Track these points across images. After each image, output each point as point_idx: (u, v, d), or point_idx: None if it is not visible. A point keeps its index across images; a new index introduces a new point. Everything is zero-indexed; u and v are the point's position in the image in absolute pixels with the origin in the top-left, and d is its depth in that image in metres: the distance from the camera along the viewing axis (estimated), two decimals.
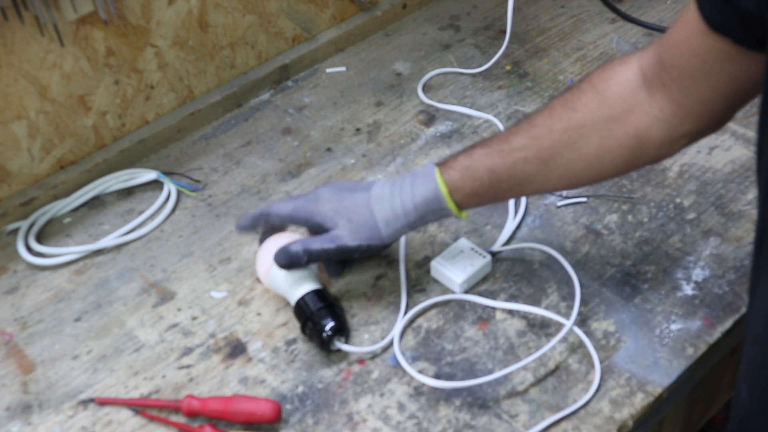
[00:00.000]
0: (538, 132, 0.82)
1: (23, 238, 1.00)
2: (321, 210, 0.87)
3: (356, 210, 0.86)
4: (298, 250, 0.86)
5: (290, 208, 0.89)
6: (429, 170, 0.86)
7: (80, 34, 0.99)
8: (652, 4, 1.33)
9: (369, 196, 0.87)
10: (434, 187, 0.84)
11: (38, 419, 0.84)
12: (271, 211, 0.90)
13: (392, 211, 0.86)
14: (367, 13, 1.29)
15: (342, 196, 0.88)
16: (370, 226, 0.86)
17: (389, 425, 0.81)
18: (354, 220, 0.86)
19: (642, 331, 0.88)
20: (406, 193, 0.86)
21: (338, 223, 0.86)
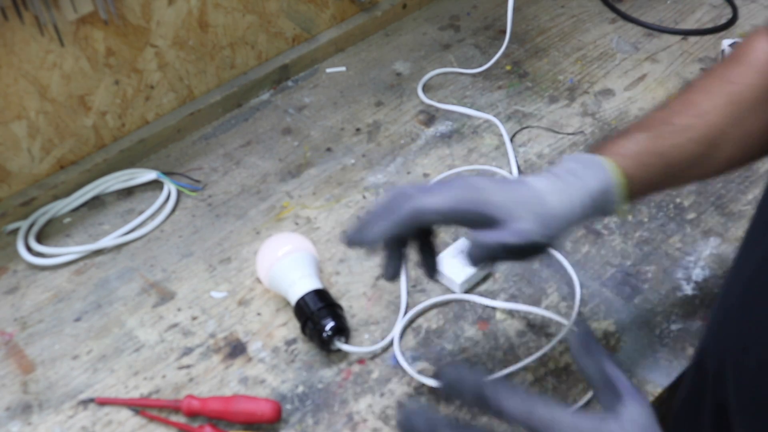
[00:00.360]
0: (700, 109, 0.75)
1: (23, 238, 1.00)
2: (494, 200, 0.70)
3: (536, 202, 0.70)
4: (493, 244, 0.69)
5: (449, 200, 0.69)
6: (594, 159, 0.73)
7: (80, 34, 0.99)
8: (652, 4, 1.33)
9: (536, 189, 0.72)
10: (606, 177, 0.72)
11: (38, 419, 0.84)
12: (424, 208, 0.69)
13: (570, 206, 0.71)
14: (367, 13, 1.29)
15: (509, 186, 0.72)
16: (552, 223, 0.71)
17: (389, 425, 0.81)
18: (538, 213, 0.70)
19: (642, 331, 0.88)
20: (573, 185, 0.72)
21: (520, 216, 0.69)
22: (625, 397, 0.62)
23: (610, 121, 1.13)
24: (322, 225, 1.01)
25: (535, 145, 1.10)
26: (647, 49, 1.25)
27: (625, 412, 0.61)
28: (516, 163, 1.07)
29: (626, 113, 1.14)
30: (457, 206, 0.69)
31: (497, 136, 1.12)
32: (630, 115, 1.14)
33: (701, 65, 1.21)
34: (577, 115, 1.14)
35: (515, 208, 0.69)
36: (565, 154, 1.08)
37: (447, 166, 1.07)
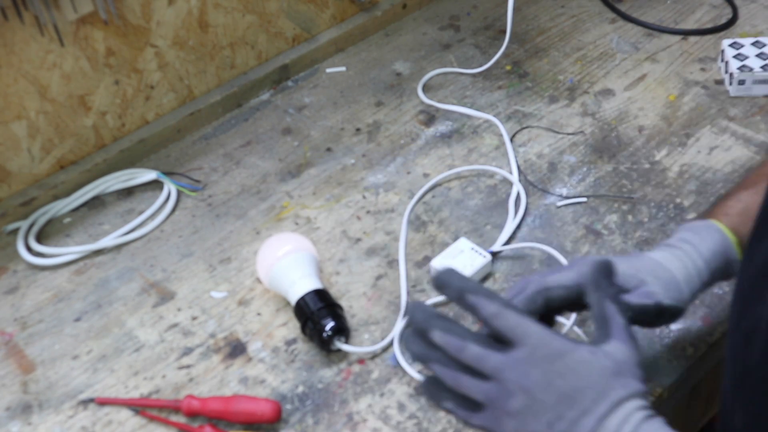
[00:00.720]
0: None
1: (23, 238, 1.00)
2: (620, 270, 0.73)
3: (656, 269, 0.74)
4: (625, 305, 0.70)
5: (575, 274, 0.71)
6: (704, 224, 0.78)
7: (80, 34, 0.99)
8: (652, 4, 1.33)
9: (654, 259, 0.75)
10: (720, 237, 0.76)
11: (38, 419, 0.84)
12: (550, 284, 0.71)
13: (686, 271, 0.75)
14: (367, 13, 1.29)
15: (631, 258, 0.75)
16: (675, 287, 0.74)
17: (389, 425, 0.81)
18: (661, 277, 0.74)
19: (642, 331, 0.88)
20: (690, 251, 0.76)
21: (645, 280, 0.73)
22: (613, 337, 0.63)
23: (610, 121, 1.13)
24: (322, 225, 1.01)
25: (535, 145, 1.10)
26: (647, 49, 1.25)
27: (604, 346, 0.62)
28: (516, 163, 1.07)
29: (626, 113, 1.14)
30: (581, 280, 0.70)
31: (497, 136, 1.12)
32: (630, 115, 1.14)
33: (701, 65, 1.21)
34: (577, 115, 1.14)
35: (638, 275, 0.73)
36: (565, 154, 1.08)
37: (447, 166, 1.07)
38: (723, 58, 1.18)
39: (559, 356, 0.61)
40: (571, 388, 0.60)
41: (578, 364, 0.61)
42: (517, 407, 0.60)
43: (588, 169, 1.06)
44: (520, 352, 0.61)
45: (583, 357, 0.61)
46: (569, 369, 0.61)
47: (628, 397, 0.60)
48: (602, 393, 0.60)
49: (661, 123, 1.12)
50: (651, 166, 1.06)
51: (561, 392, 0.60)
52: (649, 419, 0.60)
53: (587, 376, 0.61)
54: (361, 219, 1.02)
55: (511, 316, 0.61)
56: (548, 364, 0.61)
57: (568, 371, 0.60)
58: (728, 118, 1.12)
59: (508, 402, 0.60)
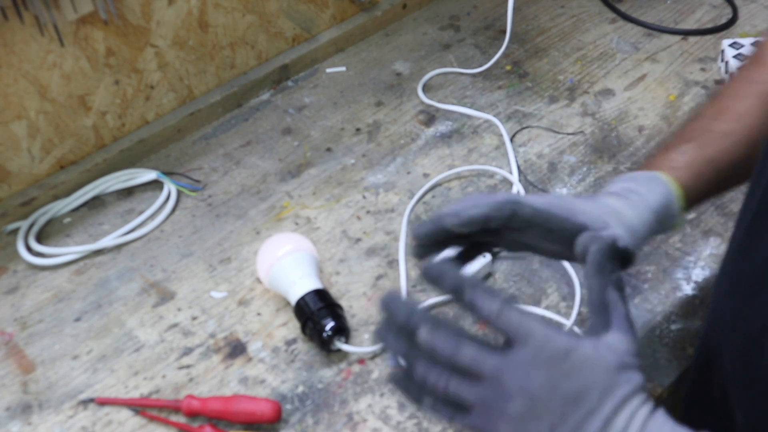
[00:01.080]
0: (735, 113, 0.76)
1: (23, 238, 1.00)
2: (585, 208, 0.71)
3: (617, 214, 0.72)
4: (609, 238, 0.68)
5: (545, 201, 0.71)
6: (649, 175, 0.75)
7: (80, 34, 0.99)
8: (652, 4, 1.33)
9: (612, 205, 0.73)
10: (666, 190, 0.74)
11: (38, 419, 0.84)
12: (522, 200, 0.70)
13: (640, 219, 0.72)
14: (367, 13, 1.29)
15: (592, 201, 0.73)
16: (634, 233, 0.72)
17: (389, 425, 0.81)
18: (623, 223, 0.71)
19: (642, 331, 0.88)
20: (638, 202, 0.73)
21: (609, 222, 0.71)
22: (613, 326, 0.60)
23: (610, 121, 1.13)
24: (322, 225, 1.01)
25: (535, 145, 1.10)
26: (647, 49, 1.25)
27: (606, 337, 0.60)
28: (516, 163, 1.07)
29: (626, 113, 1.14)
30: (551, 208, 0.70)
31: (497, 136, 1.12)
32: (630, 115, 1.14)
33: (701, 65, 1.21)
34: (577, 115, 1.14)
35: (604, 217, 0.70)
36: (565, 154, 1.08)
37: (447, 166, 1.07)
38: (723, 58, 1.18)
39: (564, 356, 0.58)
40: (575, 388, 0.57)
41: (582, 362, 0.58)
42: (517, 410, 0.57)
43: (588, 169, 1.06)
44: (522, 353, 0.58)
45: (587, 354, 0.58)
46: (574, 368, 0.58)
47: (633, 392, 0.58)
48: (607, 391, 0.58)
49: (661, 123, 1.12)
50: None
51: (565, 394, 0.57)
52: (653, 413, 0.59)
53: (592, 374, 0.58)
54: (361, 219, 1.02)
55: (513, 315, 0.58)
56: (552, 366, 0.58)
57: (573, 371, 0.58)
58: None
59: (506, 405, 0.58)
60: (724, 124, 0.76)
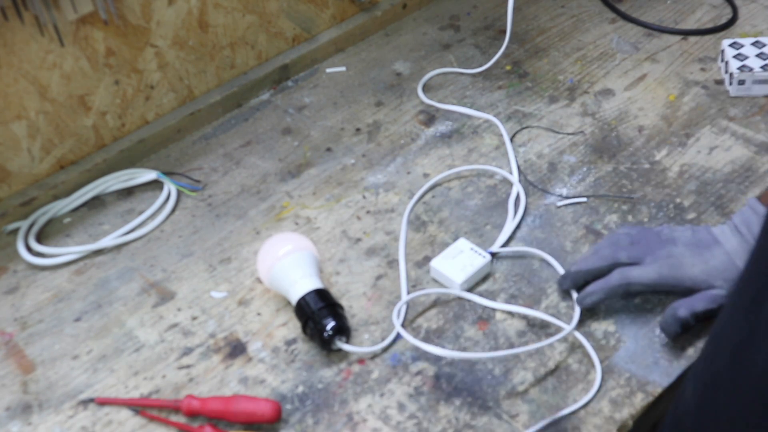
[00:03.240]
0: None
1: (23, 238, 1.00)
2: (692, 275, 0.85)
3: (727, 269, 0.84)
4: (686, 316, 0.83)
5: (654, 275, 0.86)
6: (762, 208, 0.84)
7: (80, 34, 0.99)
8: (652, 4, 1.33)
9: (727, 252, 0.85)
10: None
11: (38, 419, 0.84)
12: (632, 281, 0.86)
13: None
14: (367, 13, 1.29)
15: (706, 257, 0.85)
16: None
17: (389, 425, 0.81)
18: (729, 279, 0.83)
19: (642, 331, 0.88)
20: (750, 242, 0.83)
21: (714, 285, 0.84)
22: None
23: (610, 121, 1.13)
24: (322, 225, 1.01)
25: (535, 145, 1.10)
26: (647, 49, 1.25)
27: None
28: (516, 163, 1.07)
29: (626, 113, 1.14)
30: (660, 281, 0.86)
31: (497, 136, 1.12)
32: (630, 115, 1.14)
33: (701, 65, 1.21)
34: (577, 115, 1.14)
35: (711, 279, 0.84)
36: (565, 154, 1.08)
37: (447, 166, 1.07)
38: (723, 58, 1.18)
39: None
40: None
41: None
42: None
43: (588, 169, 1.06)
44: None
45: None
46: None
47: None
48: None
49: (661, 123, 1.12)
50: (651, 166, 1.06)
51: None
52: None
53: None
54: (361, 219, 1.02)
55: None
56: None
57: None
58: (728, 118, 1.12)
59: None
60: None
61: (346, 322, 0.87)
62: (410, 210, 1.02)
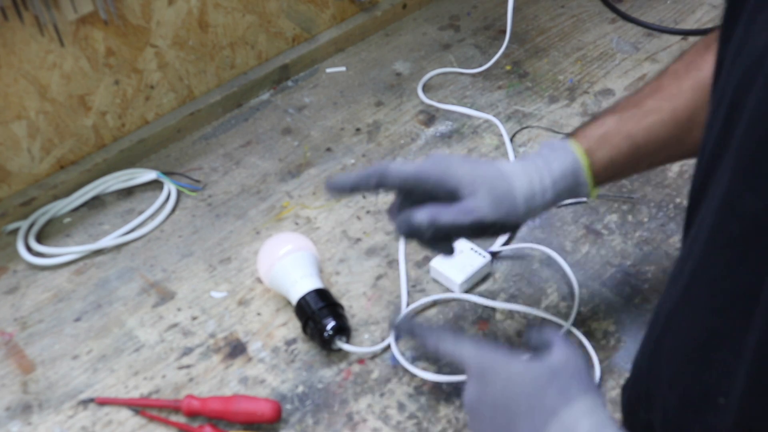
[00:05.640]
0: (668, 93, 0.76)
1: (23, 238, 1.00)
2: (457, 173, 0.74)
3: (495, 180, 0.75)
4: (422, 221, 0.73)
5: (414, 167, 0.75)
6: (561, 143, 0.77)
7: (80, 34, 0.99)
8: (652, 4, 1.33)
9: (500, 168, 0.76)
10: (572, 158, 0.76)
11: (38, 419, 0.84)
12: (389, 170, 0.75)
13: (530, 186, 0.75)
14: (367, 13, 1.29)
15: (475, 164, 0.76)
16: (510, 201, 0.74)
17: (389, 425, 0.81)
18: (494, 190, 0.74)
19: (642, 331, 0.88)
20: (540, 167, 0.76)
21: (477, 192, 0.74)
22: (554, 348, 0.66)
23: None
24: (322, 225, 1.01)
25: (535, 145, 1.10)
26: (647, 49, 1.25)
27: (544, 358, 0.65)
28: None
29: None
30: (419, 172, 0.74)
31: (497, 136, 1.12)
32: None
33: None
34: (577, 115, 1.14)
35: (474, 182, 0.74)
36: None
37: None
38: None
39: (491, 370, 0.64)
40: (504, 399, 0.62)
41: (513, 375, 0.63)
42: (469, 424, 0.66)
43: None
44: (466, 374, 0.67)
45: (519, 368, 0.64)
46: (501, 380, 0.63)
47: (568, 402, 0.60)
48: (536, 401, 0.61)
49: None
50: None
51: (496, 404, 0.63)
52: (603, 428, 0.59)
53: (520, 385, 0.63)
54: (361, 219, 1.02)
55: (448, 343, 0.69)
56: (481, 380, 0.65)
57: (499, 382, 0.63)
58: None
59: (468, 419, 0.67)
60: (654, 101, 0.77)
61: (347, 322, 0.87)
62: None
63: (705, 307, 0.57)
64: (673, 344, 0.62)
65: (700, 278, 0.58)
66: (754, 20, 0.52)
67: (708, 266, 0.56)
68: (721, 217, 0.54)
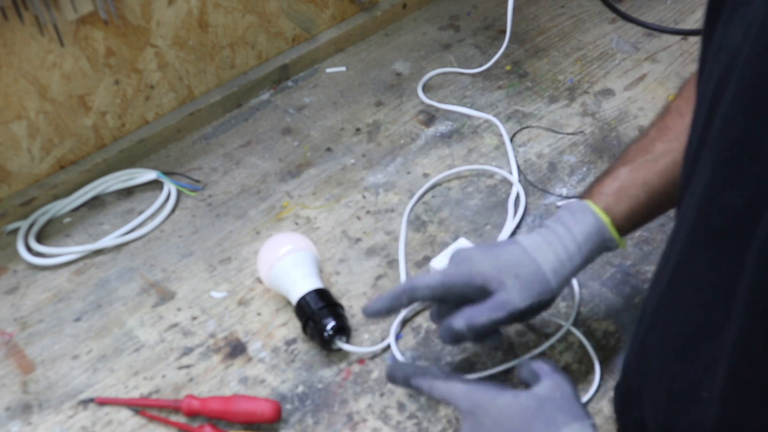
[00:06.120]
0: (675, 132, 0.77)
1: (23, 238, 1.00)
2: (481, 269, 0.76)
3: (519, 263, 0.76)
4: (461, 328, 0.75)
5: (439, 277, 0.77)
6: (580, 204, 0.78)
7: (80, 34, 0.99)
8: (652, 4, 1.33)
9: (523, 247, 0.77)
10: (593, 219, 0.77)
11: (38, 419, 0.84)
12: (416, 286, 0.78)
13: (556, 257, 0.76)
14: (367, 13, 1.29)
15: (496, 252, 0.77)
16: (539, 280, 0.76)
17: (389, 425, 0.81)
18: (521, 275, 0.76)
19: None
20: (563, 234, 0.77)
21: (505, 282, 0.75)
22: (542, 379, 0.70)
23: (610, 121, 1.13)
24: (322, 225, 1.01)
25: (535, 145, 1.10)
26: (647, 49, 1.25)
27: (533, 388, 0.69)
28: (516, 163, 1.07)
29: (626, 113, 1.14)
30: (446, 280, 0.77)
31: (497, 136, 1.12)
32: (630, 115, 1.14)
33: None
34: (577, 115, 1.14)
35: (500, 275, 0.76)
36: (565, 154, 1.08)
37: (447, 166, 1.07)
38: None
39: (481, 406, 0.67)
40: None
41: (501, 408, 0.66)
42: None
43: (588, 169, 1.06)
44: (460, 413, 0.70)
45: (506, 401, 0.67)
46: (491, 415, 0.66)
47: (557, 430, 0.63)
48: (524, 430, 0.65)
49: None
50: None
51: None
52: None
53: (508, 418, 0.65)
54: (361, 219, 1.02)
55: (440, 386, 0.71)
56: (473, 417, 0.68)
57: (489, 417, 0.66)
58: None
59: None
60: (662, 144, 0.78)
61: (347, 322, 0.87)
62: (410, 210, 1.02)
63: (688, 302, 0.58)
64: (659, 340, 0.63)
65: (682, 273, 0.59)
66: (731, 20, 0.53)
67: (690, 261, 0.57)
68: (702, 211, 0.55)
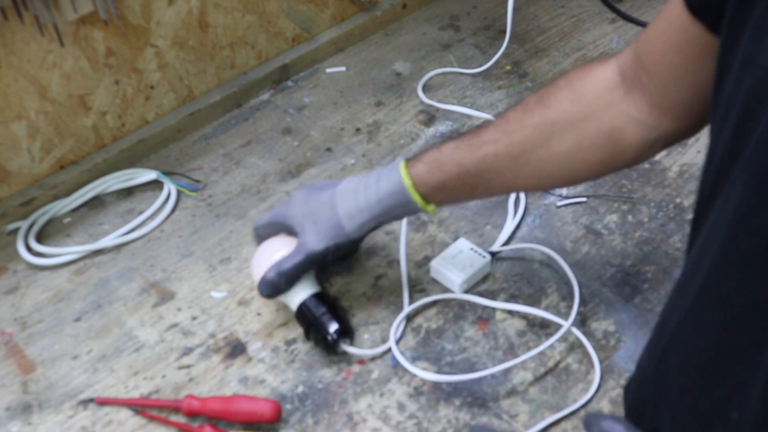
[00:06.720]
0: (510, 127, 0.79)
1: (23, 238, 1.00)
2: (291, 213, 0.88)
3: (320, 210, 0.86)
4: (273, 277, 0.86)
5: (268, 215, 0.91)
6: (395, 164, 0.85)
7: (80, 34, 0.99)
8: (652, 4, 1.33)
9: (334, 192, 0.86)
10: (397, 179, 0.83)
11: (38, 419, 0.84)
12: (258, 224, 0.92)
13: (355, 205, 0.85)
14: (367, 13, 1.29)
15: (310, 197, 0.88)
16: (333, 224, 0.85)
17: (389, 425, 0.81)
18: (318, 221, 0.86)
19: (642, 331, 0.88)
20: (370, 186, 0.85)
21: (305, 227, 0.86)
22: None
23: None
24: None
25: None
26: None
27: None
28: None
29: None
30: (271, 220, 0.90)
31: None
32: None
33: None
34: None
35: (302, 221, 0.87)
36: None
37: None
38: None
39: None
40: None
41: None
42: None
43: None
44: None
45: None
46: None
47: None
48: None
49: None
50: (651, 166, 1.06)
51: None
52: None
53: None
54: None
55: None
56: None
57: None
58: None
59: None
60: (492, 132, 0.80)
61: (349, 323, 0.87)
62: None
63: (716, 321, 0.57)
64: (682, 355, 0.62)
65: (710, 292, 0.58)
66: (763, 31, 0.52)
67: (719, 280, 0.57)
68: (733, 231, 0.54)
